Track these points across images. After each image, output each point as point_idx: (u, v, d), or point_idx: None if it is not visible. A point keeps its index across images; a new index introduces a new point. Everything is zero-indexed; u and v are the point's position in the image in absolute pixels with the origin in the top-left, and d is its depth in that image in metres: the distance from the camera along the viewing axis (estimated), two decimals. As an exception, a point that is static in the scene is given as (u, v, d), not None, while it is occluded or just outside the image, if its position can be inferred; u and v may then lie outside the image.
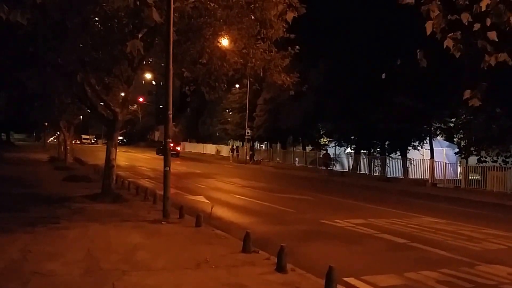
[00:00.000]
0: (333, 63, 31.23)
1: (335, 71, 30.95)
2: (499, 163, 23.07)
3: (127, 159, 37.83)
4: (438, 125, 30.74)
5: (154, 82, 70.87)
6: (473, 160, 25.61)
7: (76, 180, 17.28)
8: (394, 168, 28.41)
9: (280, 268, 6.07)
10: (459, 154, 26.91)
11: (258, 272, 6.05)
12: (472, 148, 24.66)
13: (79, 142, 69.78)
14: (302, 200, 15.57)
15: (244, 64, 12.75)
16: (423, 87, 25.13)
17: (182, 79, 14.73)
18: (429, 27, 4.05)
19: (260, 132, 42.26)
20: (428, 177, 24.38)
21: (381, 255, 7.92)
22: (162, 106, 28.09)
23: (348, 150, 37.46)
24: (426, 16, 4.05)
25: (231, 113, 51.38)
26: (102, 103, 13.11)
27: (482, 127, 23.30)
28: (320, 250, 8.16)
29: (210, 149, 55.23)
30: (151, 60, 15.57)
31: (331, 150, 36.27)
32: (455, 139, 32.20)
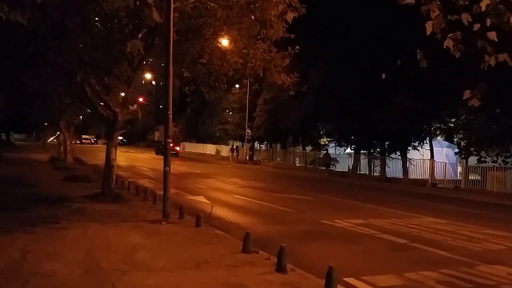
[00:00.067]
0: (333, 63, 31.21)
1: (335, 71, 30.93)
2: (499, 163, 23.06)
3: (127, 159, 37.83)
4: (438, 125, 30.73)
5: (154, 82, 70.94)
6: (473, 160, 25.57)
7: (76, 180, 17.28)
8: (394, 168, 28.38)
9: (280, 268, 6.07)
10: (459, 154, 26.88)
11: (258, 272, 6.05)
12: (472, 148, 24.64)
13: (79, 142, 69.77)
14: (302, 200, 15.57)
15: (244, 64, 12.76)
16: (423, 87, 25.11)
17: (182, 79, 14.73)
18: (429, 27, 4.05)
19: (260, 132, 42.23)
20: (428, 177, 24.35)
21: (381, 255, 7.92)
22: (162, 106, 28.03)
23: (348, 150, 37.47)
24: (426, 16, 4.06)
25: (231, 113, 51.35)
26: (102, 103, 13.12)
27: (482, 127, 23.28)
28: (320, 250, 8.16)
29: (210, 149, 55.17)
30: (151, 60, 15.58)
31: (331, 150, 36.26)
32: (455, 139, 32.19)
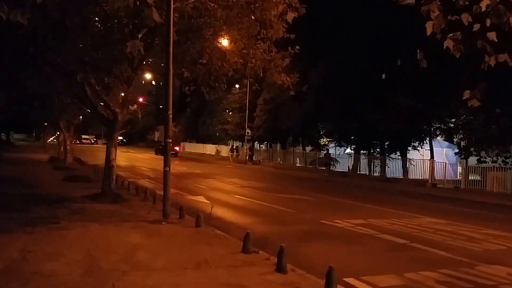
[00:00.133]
0: (333, 63, 31.21)
1: (335, 71, 30.94)
2: (499, 164, 23.05)
3: (127, 159, 37.83)
4: (438, 125, 30.71)
5: (154, 82, 70.96)
6: (473, 160, 25.57)
7: (76, 180, 17.28)
8: (394, 168, 28.39)
9: (280, 268, 6.07)
10: (459, 155, 26.89)
11: (258, 272, 6.05)
12: (472, 149, 24.65)
13: (79, 142, 69.73)
14: (302, 200, 15.56)
15: (244, 64, 12.76)
16: (423, 87, 25.12)
17: (182, 79, 14.74)
18: (429, 28, 4.05)
19: (260, 132, 42.24)
20: (428, 177, 24.35)
21: (381, 256, 7.92)
22: (162, 106, 28.08)
23: (348, 150, 37.47)
24: (426, 16, 4.06)
25: (231, 113, 51.36)
26: (102, 103, 13.12)
27: (482, 127, 23.28)
28: (320, 250, 8.16)
29: (210, 149, 55.18)
30: (151, 60, 15.57)
31: (331, 151, 36.29)
32: (455, 140, 32.19)
